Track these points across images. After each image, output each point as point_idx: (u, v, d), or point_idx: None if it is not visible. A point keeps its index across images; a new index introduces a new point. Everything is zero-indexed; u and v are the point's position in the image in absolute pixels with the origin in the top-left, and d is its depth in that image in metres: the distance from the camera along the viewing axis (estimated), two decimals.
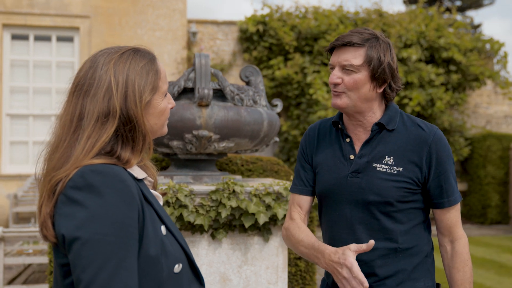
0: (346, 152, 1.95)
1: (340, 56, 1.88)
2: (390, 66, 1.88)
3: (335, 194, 1.94)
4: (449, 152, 1.91)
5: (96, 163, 1.33)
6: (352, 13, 11.62)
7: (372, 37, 1.89)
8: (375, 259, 1.88)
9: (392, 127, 1.91)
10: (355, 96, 1.88)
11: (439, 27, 11.63)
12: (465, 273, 1.92)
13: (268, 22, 11.22)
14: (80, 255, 1.23)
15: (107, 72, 1.41)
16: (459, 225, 1.95)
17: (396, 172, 1.85)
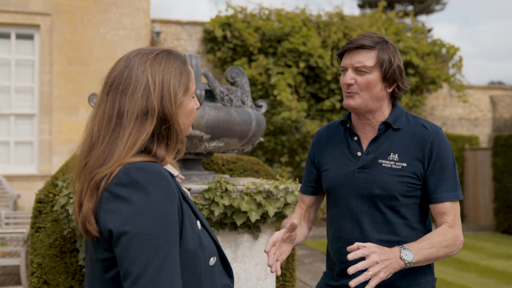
0: (354, 149, 2.06)
1: (353, 58, 1.99)
2: (399, 67, 2.01)
3: (342, 188, 2.04)
4: (449, 151, 1.99)
5: (139, 161, 1.38)
6: (315, 16, 11.82)
7: (381, 40, 2.01)
8: None
9: (398, 126, 2.02)
10: (367, 96, 1.98)
11: (398, 31, 11.97)
12: (443, 239, 1.90)
13: (232, 24, 11.28)
14: (128, 249, 1.27)
15: (144, 72, 1.45)
16: (457, 226, 1.97)
17: (400, 167, 1.96)
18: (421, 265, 1.99)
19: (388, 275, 1.72)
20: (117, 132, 1.42)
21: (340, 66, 2.06)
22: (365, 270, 1.81)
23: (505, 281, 6.78)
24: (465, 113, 13.78)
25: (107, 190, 1.35)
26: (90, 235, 1.39)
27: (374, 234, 1.99)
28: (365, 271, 1.72)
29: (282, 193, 3.24)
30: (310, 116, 11.42)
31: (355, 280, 1.67)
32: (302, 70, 11.16)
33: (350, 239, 2.03)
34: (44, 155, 10.28)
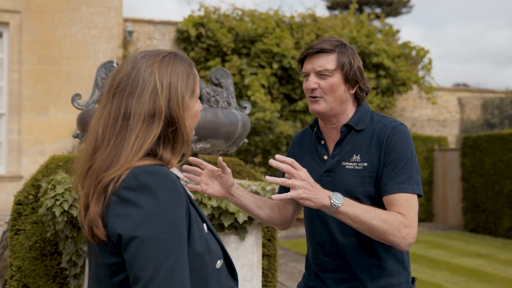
0: (321, 153, 2.09)
1: (314, 63, 2.01)
2: (359, 68, 2.04)
3: None
4: (406, 145, 1.95)
5: (147, 164, 1.37)
6: (288, 17, 11.88)
7: (340, 43, 2.04)
8: (348, 252, 1.99)
9: (360, 127, 2.03)
10: (332, 99, 2.00)
11: (369, 34, 12.13)
12: (385, 214, 1.84)
13: (206, 24, 11.25)
14: (138, 254, 1.26)
15: (152, 74, 1.44)
16: (410, 218, 1.86)
17: (362, 167, 1.96)
18: (394, 266, 2.00)
19: (307, 198, 1.73)
20: (123, 134, 1.40)
21: (302, 72, 2.08)
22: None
23: (475, 279, 6.95)
24: (434, 114, 14.06)
25: (115, 194, 1.33)
26: (97, 240, 1.37)
27: (341, 237, 2.00)
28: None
29: (269, 194, 3.25)
30: (283, 117, 11.48)
31: (270, 179, 1.71)
32: (275, 71, 11.21)
33: (321, 242, 2.06)
34: (13, 155, 10.07)
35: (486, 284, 6.66)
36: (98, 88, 3.48)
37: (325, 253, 2.05)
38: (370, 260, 1.99)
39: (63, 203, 2.86)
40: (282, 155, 2.31)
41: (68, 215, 2.92)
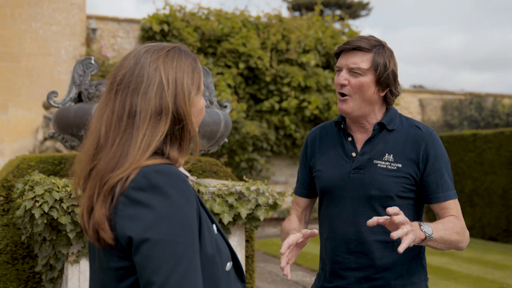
0: (348, 150, 2.06)
1: (349, 59, 2.00)
2: (394, 72, 2.02)
3: (337, 189, 2.04)
4: (443, 151, 2.03)
5: (156, 163, 1.31)
6: (254, 18, 11.87)
7: (378, 44, 2.02)
8: (374, 251, 1.99)
9: (392, 127, 2.04)
10: (359, 99, 1.99)
11: (334, 35, 12.24)
12: (454, 225, 1.92)
13: (171, 22, 11.12)
14: (150, 257, 1.21)
15: (157, 70, 1.38)
16: (462, 220, 2.00)
17: (396, 168, 1.97)
18: (414, 265, 2.03)
19: (414, 240, 1.72)
20: (128, 133, 1.34)
21: (335, 66, 2.07)
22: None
23: (442, 276, 7.08)
24: None
25: (123, 195, 1.27)
26: (103, 243, 1.30)
27: (369, 235, 2.00)
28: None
29: (254, 194, 3.21)
30: (249, 117, 11.45)
31: (396, 232, 1.68)
32: (241, 71, 11.18)
33: (345, 240, 2.03)
34: None
35: (453, 282, 6.80)
36: (75, 85, 3.36)
37: (349, 251, 2.03)
38: (395, 260, 1.99)
39: (43, 204, 2.75)
40: (248, 155, 2.30)
41: (48, 217, 2.81)
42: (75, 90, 3.36)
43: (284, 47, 11.60)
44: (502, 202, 9.73)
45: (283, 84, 11.44)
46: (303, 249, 8.72)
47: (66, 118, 3.21)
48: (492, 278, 6.87)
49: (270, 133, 11.43)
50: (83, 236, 2.94)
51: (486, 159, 10.04)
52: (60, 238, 2.91)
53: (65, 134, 3.29)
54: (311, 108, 11.24)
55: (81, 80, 3.36)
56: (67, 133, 3.26)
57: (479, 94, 15.39)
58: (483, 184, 10.12)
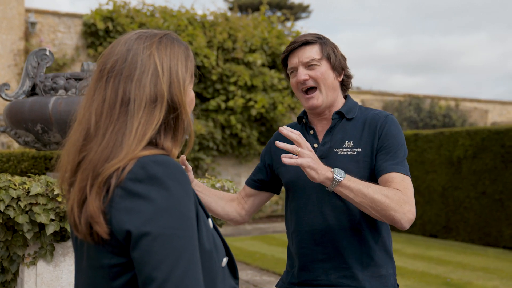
0: (311, 142, 2.09)
1: (301, 56, 2.05)
2: (343, 56, 2.11)
3: (302, 181, 2.04)
4: (398, 132, 2.01)
5: (154, 154, 1.25)
6: (200, 16, 11.76)
7: (320, 36, 2.10)
8: (340, 240, 1.99)
9: (351, 116, 2.08)
10: (325, 87, 2.04)
11: (279, 35, 12.32)
12: (385, 189, 1.85)
13: (115, 18, 10.84)
14: (150, 252, 1.14)
15: (151, 57, 1.33)
16: (409, 196, 1.88)
17: (356, 153, 2.00)
18: (382, 257, 2.01)
19: (311, 167, 1.75)
20: (122, 121, 1.27)
21: (288, 69, 2.10)
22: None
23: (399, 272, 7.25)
24: None
25: (120, 187, 1.19)
26: (96, 238, 1.22)
27: (335, 223, 2.00)
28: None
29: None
30: (195, 116, 11.34)
31: (284, 130, 1.77)
32: None
33: (311, 231, 2.03)
34: None
35: (399, 277, 6.96)
36: (29, 78, 3.19)
37: (315, 242, 2.02)
38: (361, 249, 1.99)
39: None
40: (194, 154, 2.27)
41: (4, 217, 2.64)
42: (28, 82, 3.19)
43: (231, 46, 11.57)
44: (442, 200, 10.08)
45: (230, 83, 11.41)
46: (252, 248, 8.71)
47: (20, 112, 3.03)
48: (436, 273, 7.10)
49: (216, 132, 11.37)
50: (41, 236, 2.79)
51: (427, 158, 10.38)
52: (16, 238, 2.74)
53: (18, 129, 3.11)
54: (257, 108, 11.25)
55: (35, 72, 3.19)
56: (20, 128, 3.09)
57: (417, 96, 15.91)
58: (424, 182, 10.45)
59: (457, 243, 9.60)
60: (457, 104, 16.26)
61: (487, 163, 9.19)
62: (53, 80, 3.09)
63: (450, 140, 9.94)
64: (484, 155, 9.25)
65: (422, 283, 6.60)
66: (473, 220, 9.44)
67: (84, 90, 3.01)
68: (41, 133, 3.04)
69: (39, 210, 2.66)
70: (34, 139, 3.12)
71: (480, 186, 9.32)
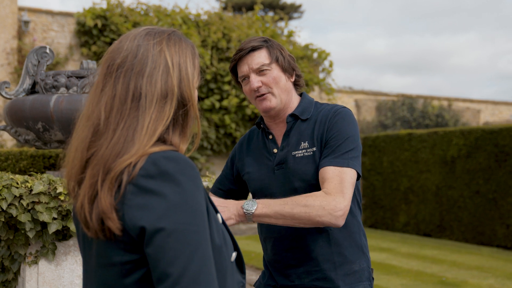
0: (270, 147, 2.08)
1: (250, 63, 2.01)
2: (291, 56, 2.09)
3: (266, 188, 2.05)
4: (348, 123, 1.96)
5: (165, 150, 1.25)
6: (194, 15, 11.74)
7: (265, 39, 2.07)
8: (308, 244, 1.98)
9: (306, 117, 2.04)
10: (279, 91, 2.01)
11: (274, 35, 12.32)
12: (303, 199, 1.81)
13: (109, 17, 10.80)
14: (165, 248, 1.14)
15: (161, 53, 1.34)
16: (337, 193, 1.82)
17: (311, 153, 1.97)
18: (353, 253, 2.00)
19: (227, 218, 1.75)
20: (133, 117, 1.27)
21: (239, 77, 2.07)
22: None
23: (384, 271, 7.27)
24: None
25: (132, 184, 1.19)
26: (107, 235, 1.21)
27: (301, 228, 1.97)
28: None
29: None
30: None
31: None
32: None
33: (280, 237, 2.03)
34: None
35: (395, 276, 6.99)
36: (29, 75, 3.17)
37: (284, 248, 2.02)
38: (331, 249, 1.98)
39: (1, 201, 2.56)
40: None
41: (6, 215, 2.62)
42: (29, 80, 3.17)
43: (225, 46, 11.56)
44: (436, 199, 10.13)
45: (224, 82, 11.39)
46: (247, 247, 8.71)
47: (21, 110, 3.01)
48: (431, 272, 7.13)
49: (211, 132, 11.36)
50: (43, 235, 2.77)
51: (421, 158, 10.42)
52: (18, 237, 2.72)
53: (19, 127, 3.09)
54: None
55: (36, 70, 3.16)
56: (21, 126, 3.07)
57: (410, 96, 15.98)
58: (418, 182, 10.49)
59: (451, 242, 9.65)
60: (449, 104, 16.35)
61: (480, 162, 9.24)
62: (54, 78, 3.07)
63: (444, 139, 9.99)
64: (478, 155, 9.30)
65: (417, 282, 6.62)
66: (467, 219, 9.49)
67: (86, 88, 3.00)
68: (42, 131, 3.02)
69: (41, 209, 2.64)
70: (34, 137, 3.10)
71: (474, 185, 9.37)
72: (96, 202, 1.21)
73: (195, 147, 1.46)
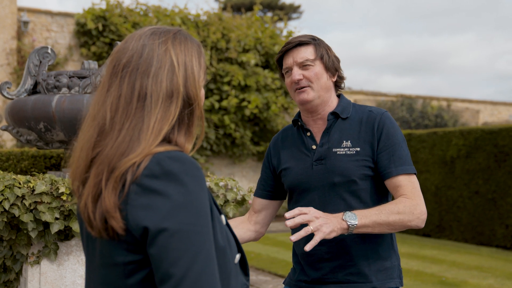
0: (308, 144, 2.13)
1: (295, 56, 2.10)
2: (336, 57, 2.16)
3: (303, 183, 2.11)
4: (396, 129, 2.06)
5: (170, 150, 1.25)
6: (193, 15, 11.74)
7: (314, 37, 2.16)
8: (344, 239, 2.02)
9: (346, 115, 2.11)
10: (318, 87, 2.08)
11: (273, 35, 12.33)
12: (394, 206, 1.93)
13: (108, 18, 10.80)
14: (168, 248, 1.14)
15: (167, 52, 1.33)
16: (416, 197, 1.96)
17: (355, 152, 2.04)
18: (386, 250, 2.06)
19: (331, 231, 1.80)
20: (138, 116, 1.27)
21: (283, 69, 2.15)
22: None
23: None
24: None
25: (136, 184, 1.19)
26: (110, 234, 1.22)
27: None
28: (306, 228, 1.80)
29: (222, 190, 3.15)
30: None
31: (296, 235, 1.76)
32: None
33: None
34: None
35: None
36: (30, 76, 3.17)
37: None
38: (365, 245, 2.04)
39: (3, 201, 2.56)
40: None
41: (9, 215, 2.62)
42: (30, 81, 3.17)
43: (224, 46, 11.56)
44: (435, 199, 10.14)
45: (223, 83, 11.40)
46: (247, 247, 8.70)
47: (22, 110, 3.01)
48: (431, 272, 7.13)
49: (210, 132, 11.36)
50: (45, 235, 2.77)
51: (420, 158, 10.43)
52: (20, 237, 2.73)
53: (20, 127, 3.09)
54: (250, 108, 11.25)
55: (37, 71, 3.17)
56: (23, 127, 3.07)
57: (409, 96, 15.98)
58: None
59: (451, 242, 9.66)
60: (448, 104, 16.36)
61: (480, 162, 9.25)
62: (56, 78, 3.07)
63: (444, 140, 10.00)
64: (477, 155, 9.31)
65: (417, 282, 6.63)
66: (466, 219, 9.50)
67: (88, 88, 3.00)
68: (43, 131, 3.02)
69: (43, 209, 2.64)
70: (36, 138, 3.10)
71: (473, 185, 9.39)
72: (100, 201, 1.21)
73: (197, 147, 1.46)
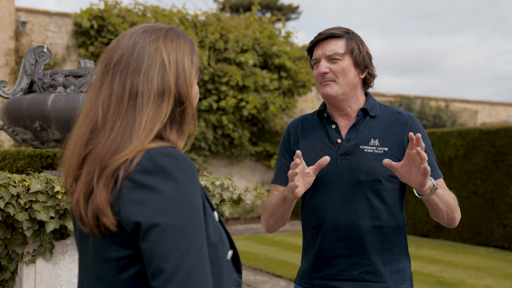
0: (333, 137, 2.08)
1: (325, 48, 2.06)
2: (368, 54, 2.11)
3: (324, 176, 2.03)
4: (425, 133, 2.07)
5: (162, 146, 1.26)
6: (192, 16, 11.74)
7: (348, 30, 2.10)
8: (364, 237, 2.01)
9: (374, 113, 2.09)
10: (344, 82, 2.04)
11: (271, 35, 12.33)
12: (451, 194, 2.04)
13: (106, 18, 10.80)
14: (159, 243, 1.15)
15: (157, 50, 1.34)
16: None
17: (382, 152, 2.02)
18: (400, 251, 2.05)
19: (427, 180, 1.83)
20: (130, 114, 1.28)
21: (312, 59, 2.11)
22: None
23: None
24: None
25: (128, 179, 1.20)
26: (102, 231, 1.22)
27: (358, 220, 2.01)
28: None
29: (218, 189, 3.14)
30: None
31: (386, 162, 1.85)
32: None
33: (335, 227, 2.03)
34: None
35: None
36: (26, 75, 3.16)
37: (338, 238, 2.03)
38: (383, 245, 2.02)
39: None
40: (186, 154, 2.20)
41: (4, 214, 2.62)
42: (26, 80, 3.17)
43: (222, 46, 11.56)
44: None
45: (221, 83, 11.40)
46: (245, 248, 8.70)
47: (18, 109, 3.01)
48: (428, 272, 7.13)
49: (208, 133, 11.36)
50: (40, 234, 2.77)
51: None
52: (15, 236, 2.72)
53: (16, 126, 3.09)
54: (249, 108, 11.25)
55: (33, 70, 3.16)
56: (18, 125, 3.06)
57: (408, 97, 15.99)
58: None
59: (449, 242, 9.66)
60: (447, 104, 16.37)
61: (478, 163, 9.25)
62: (52, 77, 3.07)
63: (442, 140, 10.00)
64: (475, 155, 9.32)
65: (415, 282, 6.63)
66: (464, 220, 9.50)
67: (83, 87, 3.00)
68: (39, 130, 3.02)
69: (39, 208, 2.63)
70: (32, 137, 3.09)
71: (471, 185, 9.39)
72: (92, 199, 1.22)
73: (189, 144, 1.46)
